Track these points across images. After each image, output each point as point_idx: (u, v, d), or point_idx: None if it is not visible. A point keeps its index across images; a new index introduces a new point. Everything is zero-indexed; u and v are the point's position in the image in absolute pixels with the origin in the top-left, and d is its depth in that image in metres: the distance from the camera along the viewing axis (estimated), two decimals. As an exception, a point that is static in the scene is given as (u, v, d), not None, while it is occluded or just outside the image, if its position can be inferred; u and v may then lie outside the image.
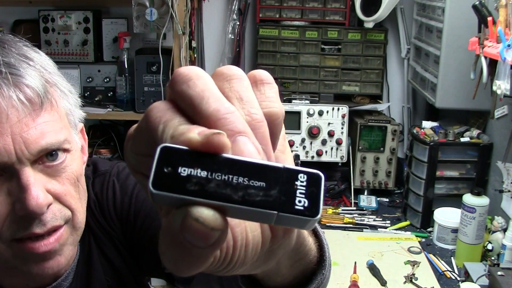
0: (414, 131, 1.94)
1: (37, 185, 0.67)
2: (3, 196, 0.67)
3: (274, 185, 0.31)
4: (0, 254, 0.69)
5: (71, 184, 0.72)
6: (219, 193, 0.30)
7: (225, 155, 0.31)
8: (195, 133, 0.31)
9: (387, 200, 2.15)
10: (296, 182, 0.31)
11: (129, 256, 0.90)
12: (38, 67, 0.70)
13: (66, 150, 0.72)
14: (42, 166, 0.69)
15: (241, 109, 0.34)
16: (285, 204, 0.30)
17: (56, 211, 0.70)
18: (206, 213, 0.30)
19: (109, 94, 2.32)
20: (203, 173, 0.30)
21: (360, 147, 2.14)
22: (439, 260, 1.70)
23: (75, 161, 0.74)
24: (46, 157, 0.69)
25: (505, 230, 1.59)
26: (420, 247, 1.78)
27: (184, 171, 0.30)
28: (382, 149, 2.14)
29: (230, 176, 0.30)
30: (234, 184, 0.30)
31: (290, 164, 0.33)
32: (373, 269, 1.62)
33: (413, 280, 1.58)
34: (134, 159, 0.36)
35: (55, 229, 0.70)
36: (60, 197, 0.71)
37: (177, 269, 0.33)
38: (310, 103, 2.13)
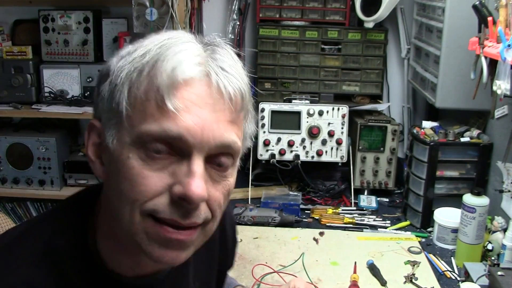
0: (414, 131, 1.94)
1: (203, 178, 0.69)
2: (166, 174, 0.68)
3: None
4: (132, 224, 0.69)
5: (224, 194, 0.74)
6: None
7: None
8: None
9: (387, 200, 2.15)
10: None
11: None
12: (246, 78, 0.75)
13: (234, 159, 0.74)
14: (210, 167, 0.71)
15: None
16: None
17: (202, 209, 0.71)
18: None
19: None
20: None
21: (360, 147, 2.14)
22: (439, 260, 1.70)
23: (234, 177, 0.77)
24: (215, 163, 0.72)
25: (505, 230, 1.58)
26: (420, 247, 1.78)
27: None
28: (382, 149, 2.14)
29: None
30: None
31: None
32: (373, 269, 1.62)
33: (413, 280, 1.58)
34: None
35: (192, 226, 0.71)
36: (210, 200, 0.72)
37: None
38: (310, 103, 2.13)
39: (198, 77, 0.68)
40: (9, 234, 0.80)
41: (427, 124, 1.98)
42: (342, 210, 2.04)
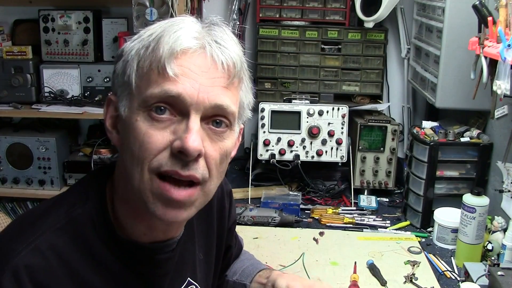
0: (414, 131, 1.94)
1: (199, 134, 0.78)
2: (168, 132, 0.78)
3: None
4: (141, 182, 0.79)
5: (220, 154, 0.82)
6: None
7: None
8: None
9: (387, 200, 2.15)
10: None
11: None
12: (239, 50, 0.84)
13: (229, 122, 0.82)
14: (207, 127, 0.81)
15: None
16: None
17: (200, 165, 0.80)
18: None
19: (109, 94, 2.31)
20: None
21: (360, 147, 2.14)
22: (439, 260, 1.70)
23: (231, 140, 0.85)
24: (212, 124, 0.81)
25: (505, 230, 1.59)
26: (420, 247, 1.78)
27: None
28: (382, 149, 2.14)
29: None
30: None
31: None
32: (373, 269, 1.62)
33: (413, 280, 1.58)
34: None
35: (191, 184, 0.80)
36: (207, 158, 0.81)
37: None
38: (310, 103, 2.13)
39: (194, 48, 0.79)
40: (36, 207, 0.92)
41: (427, 124, 1.98)
42: (342, 210, 2.04)
